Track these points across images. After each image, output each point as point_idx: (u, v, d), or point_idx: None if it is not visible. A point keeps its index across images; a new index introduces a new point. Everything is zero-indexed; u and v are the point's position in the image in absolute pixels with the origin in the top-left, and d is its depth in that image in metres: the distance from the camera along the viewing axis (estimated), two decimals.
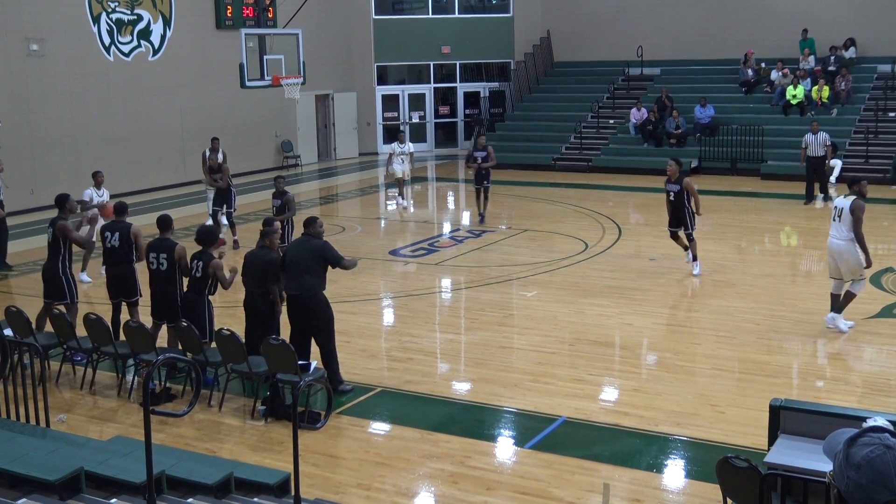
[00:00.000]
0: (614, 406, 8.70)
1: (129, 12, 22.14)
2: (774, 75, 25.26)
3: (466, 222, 18.87)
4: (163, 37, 23.01)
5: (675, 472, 7.31)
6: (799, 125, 22.43)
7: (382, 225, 19.37)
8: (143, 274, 10.05)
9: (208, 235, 9.49)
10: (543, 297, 12.49)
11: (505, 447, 7.90)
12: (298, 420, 6.04)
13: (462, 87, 30.46)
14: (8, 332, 9.03)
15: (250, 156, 25.20)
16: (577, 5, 29.13)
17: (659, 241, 14.85)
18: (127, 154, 21.87)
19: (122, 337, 9.35)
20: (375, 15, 29.10)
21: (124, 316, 10.03)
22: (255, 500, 6.20)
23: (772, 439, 6.21)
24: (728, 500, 5.71)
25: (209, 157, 16.24)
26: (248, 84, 17.21)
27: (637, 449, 7.67)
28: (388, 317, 12.36)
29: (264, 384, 8.63)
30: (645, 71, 27.84)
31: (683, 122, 24.67)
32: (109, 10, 21.65)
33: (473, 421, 8.41)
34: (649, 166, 23.23)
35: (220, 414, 8.58)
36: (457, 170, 26.80)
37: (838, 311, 10.46)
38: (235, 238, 15.94)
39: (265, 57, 17.43)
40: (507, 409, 8.62)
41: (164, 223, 9.65)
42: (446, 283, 13.92)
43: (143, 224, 11.90)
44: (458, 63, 30.21)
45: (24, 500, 5.62)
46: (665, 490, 7.02)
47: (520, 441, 7.93)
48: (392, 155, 19.60)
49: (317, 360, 8.88)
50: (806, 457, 5.65)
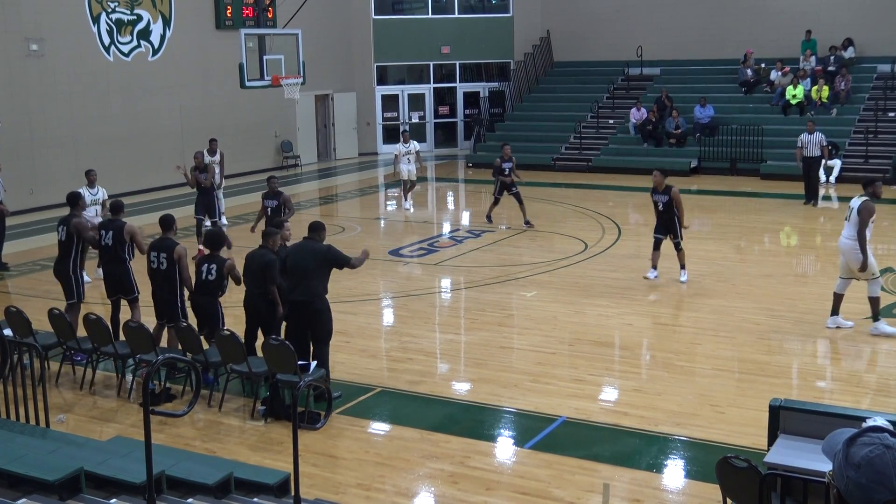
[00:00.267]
0: (614, 406, 8.70)
1: (128, 12, 22.14)
2: (774, 75, 25.26)
3: (466, 222, 18.86)
4: (162, 37, 23.01)
5: (674, 473, 7.31)
6: (798, 125, 22.39)
7: (382, 225, 19.37)
8: (141, 274, 10.04)
9: (217, 238, 9.54)
10: (543, 298, 12.49)
11: (505, 447, 7.90)
12: (298, 420, 6.05)
13: (462, 87, 30.45)
14: (8, 332, 9.03)
15: (250, 156, 25.20)
16: (577, 5, 29.13)
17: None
18: (126, 154, 21.87)
19: (122, 337, 9.36)
20: (375, 15, 29.09)
21: (125, 315, 10.04)
22: (255, 500, 6.20)
23: (771, 439, 6.21)
24: (728, 500, 5.71)
25: (196, 155, 15.97)
26: (247, 84, 17.21)
27: (637, 449, 7.67)
28: (388, 317, 12.36)
29: (264, 384, 8.63)
30: (645, 71, 27.85)
31: (683, 122, 24.68)
32: (109, 10, 21.65)
33: (473, 421, 8.41)
34: (649, 166, 23.00)
35: (220, 414, 8.58)
36: (456, 170, 26.80)
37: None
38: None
39: (265, 57, 17.42)
40: (506, 410, 8.62)
41: (167, 223, 9.66)
42: (446, 283, 13.92)
43: (144, 224, 11.88)
44: (457, 63, 30.20)
45: (23, 500, 5.62)
46: (665, 490, 7.02)
47: (520, 441, 7.93)
48: (398, 155, 19.52)
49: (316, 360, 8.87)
50: (805, 457, 5.65)
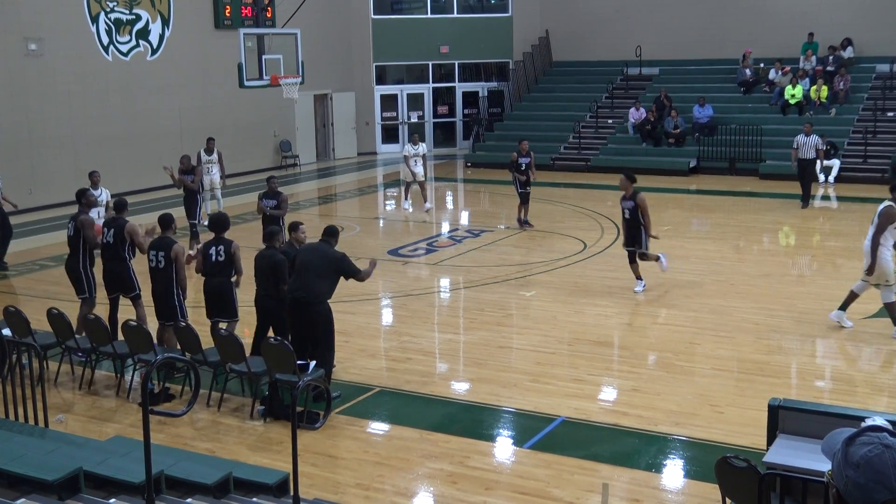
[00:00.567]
0: (613, 406, 8.70)
1: (127, 12, 22.13)
2: (773, 75, 25.27)
3: (465, 222, 18.84)
4: (161, 36, 23.00)
5: (674, 472, 7.31)
6: (797, 125, 22.35)
7: (381, 225, 19.36)
8: (143, 276, 10.05)
9: (221, 221, 9.70)
10: (542, 297, 12.50)
11: (504, 447, 7.90)
12: (297, 420, 6.05)
13: (461, 87, 30.44)
14: (6, 331, 9.03)
15: (249, 155, 25.19)
16: (576, 5, 29.12)
17: (658, 241, 14.81)
18: (125, 154, 21.85)
19: (120, 337, 9.36)
20: (374, 15, 29.09)
21: (123, 314, 10.03)
22: (254, 500, 6.20)
23: (771, 439, 6.21)
24: (727, 499, 5.71)
25: (182, 158, 15.74)
26: (246, 84, 17.21)
27: (636, 449, 7.67)
28: (388, 317, 12.37)
29: (263, 384, 8.63)
30: (644, 71, 27.85)
31: (682, 122, 24.69)
32: (108, 9, 21.64)
33: (472, 421, 8.41)
34: (648, 166, 23.26)
35: (219, 414, 8.58)
36: (455, 169, 26.80)
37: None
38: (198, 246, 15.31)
39: (264, 57, 17.42)
40: (506, 409, 8.62)
41: (166, 222, 9.69)
42: (445, 282, 13.93)
43: (144, 224, 11.87)
44: (456, 63, 30.19)
45: (22, 500, 5.62)
46: (664, 490, 7.03)
47: (519, 441, 7.93)
48: (408, 157, 19.41)
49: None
50: (805, 456, 5.65)
